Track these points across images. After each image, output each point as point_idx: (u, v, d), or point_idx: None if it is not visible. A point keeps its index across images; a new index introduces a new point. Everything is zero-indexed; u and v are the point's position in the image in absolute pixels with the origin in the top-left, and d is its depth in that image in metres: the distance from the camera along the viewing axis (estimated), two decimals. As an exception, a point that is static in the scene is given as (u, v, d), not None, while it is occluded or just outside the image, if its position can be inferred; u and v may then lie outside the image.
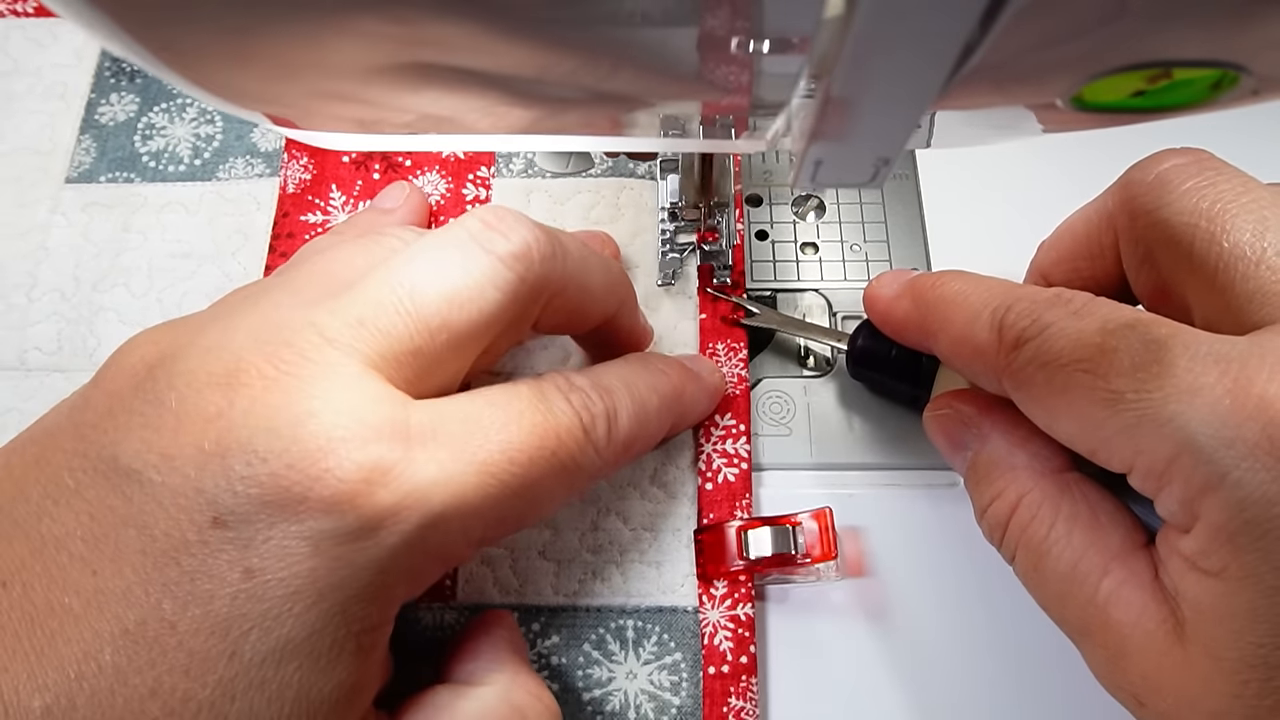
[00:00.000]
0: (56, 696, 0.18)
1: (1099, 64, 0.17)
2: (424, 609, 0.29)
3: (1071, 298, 0.22)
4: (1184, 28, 0.16)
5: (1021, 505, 0.24)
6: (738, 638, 0.28)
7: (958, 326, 0.24)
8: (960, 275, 0.26)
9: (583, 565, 0.29)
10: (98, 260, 0.34)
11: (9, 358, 0.33)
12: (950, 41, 0.14)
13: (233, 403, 0.20)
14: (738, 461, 0.30)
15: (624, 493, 0.30)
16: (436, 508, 0.20)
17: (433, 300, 0.21)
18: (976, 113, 0.20)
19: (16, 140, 0.37)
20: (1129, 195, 0.24)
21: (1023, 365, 0.22)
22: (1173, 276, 0.23)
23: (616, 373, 0.26)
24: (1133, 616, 0.21)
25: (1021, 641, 0.29)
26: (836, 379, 0.32)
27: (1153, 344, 0.20)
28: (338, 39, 0.16)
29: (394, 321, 0.21)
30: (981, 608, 0.29)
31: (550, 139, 0.23)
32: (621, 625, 0.28)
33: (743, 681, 0.27)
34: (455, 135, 0.22)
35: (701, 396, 0.29)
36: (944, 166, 0.36)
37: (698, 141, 0.22)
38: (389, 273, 0.22)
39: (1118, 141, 0.24)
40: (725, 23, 0.16)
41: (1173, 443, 0.19)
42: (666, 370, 0.28)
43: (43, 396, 0.32)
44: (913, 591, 0.29)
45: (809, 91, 0.18)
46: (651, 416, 0.26)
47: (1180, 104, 0.18)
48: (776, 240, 0.35)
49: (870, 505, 0.31)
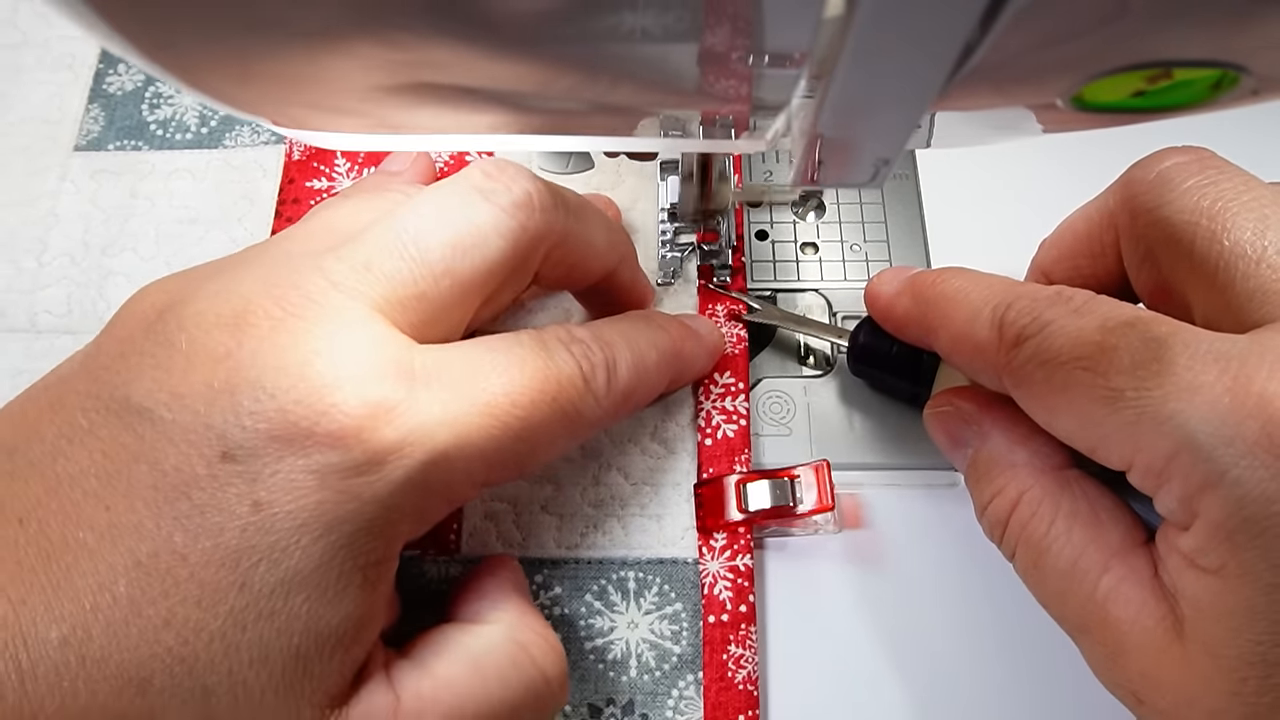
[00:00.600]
0: (73, 627, 0.19)
1: (1099, 64, 0.17)
2: (429, 562, 0.29)
3: (1072, 295, 0.23)
4: (1184, 28, 0.16)
5: (1022, 502, 0.24)
6: (737, 587, 0.29)
7: (958, 324, 0.24)
8: (960, 272, 0.26)
9: (584, 519, 0.30)
10: (106, 226, 0.35)
11: (20, 320, 0.34)
12: (950, 41, 0.14)
13: (241, 343, 0.20)
14: (736, 418, 0.31)
15: (625, 449, 0.31)
16: (440, 445, 0.21)
17: (437, 246, 0.22)
18: (976, 113, 0.20)
19: (25, 110, 0.37)
20: (1130, 194, 0.24)
21: (1023, 363, 0.22)
22: (1173, 274, 0.23)
23: (617, 327, 0.26)
24: (1131, 613, 0.21)
25: (1022, 640, 0.29)
26: (836, 379, 0.32)
27: (1152, 342, 0.20)
28: (335, 61, 0.16)
29: (399, 266, 0.22)
30: (981, 607, 0.29)
31: (550, 139, 0.23)
32: (623, 577, 0.29)
33: (742, 630, 0.28)
34: (455, 135, 0.22)
35: (700, 353, 0.30)
36: (944, 166, 0.36)
37: (698, 141, 0.22)
38: (394, 221, 0.22)
39: (1118, 141, 0.24)
40: (725, 40, 0.16)
41: (1172, 440, 0.19)
42: (666, 326, 0.28)
43: (53, 358, 0.32)
44: (912, 590, 0.29)
45: (809, 91, 0.18)
46: (651, 369, 0.26)
47: (1180, 104, 0.18)
48: (776, 240, 0.35)
49: (870, 505, 0.31)
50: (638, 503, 0.30)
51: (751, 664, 0.28)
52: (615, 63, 0.17)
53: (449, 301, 0.22)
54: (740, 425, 0.30)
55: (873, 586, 0.30)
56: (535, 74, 0.17)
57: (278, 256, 0.23)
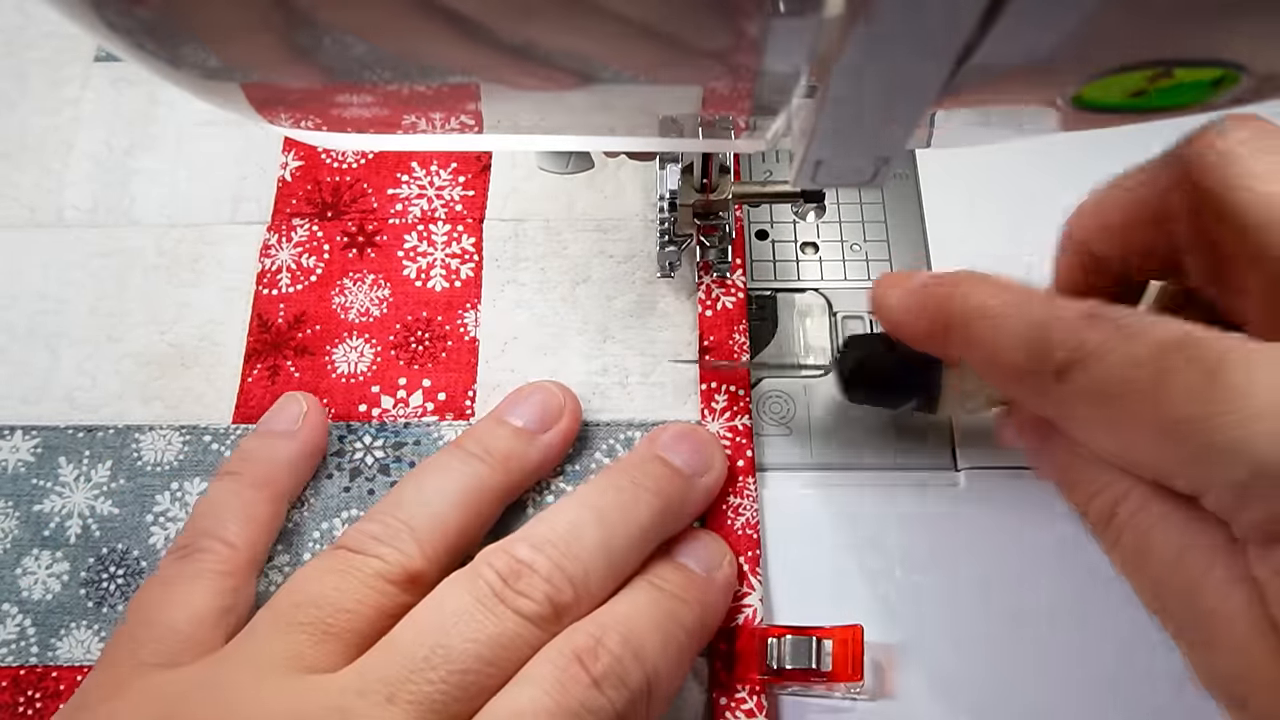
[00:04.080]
0: None
1: (1099, 64, 0.16)
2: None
3: (1110, 314, 0.21)
4: (1184, 28, 0.16)
5: (1129, 497, 0.22)
6: (735, 445, 0.31)
7: (988, 347, 0.23)
8: (980, 283, 0.24)
9: (592, 387, 0.32)
10: (129, 130, 0.38)
11: (49, 216, 0.36)
12: (950, 41, 0.14)
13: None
14: (734, 291, 0.33)
15: (627, 322, 0.33)
16: None
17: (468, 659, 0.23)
18: (976, 112, 0.20)
19: (47, 25, 0.40)
20: (1196, 168, 0.23)
21: (1068, 396, 0.21)
22: (1238, 254, 0.22)
23: (639, 621, 0.25)
24: (1234, 608, 0.20)
25: (1022, 639, 0.29)
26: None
27: (1209, 364, 0.19)
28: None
29: (428, 691, 0.22)
30: (981, 607, 0.29)
31: (550, 139, 0.23)
32: (630, 436, 0.32)
33: (740, 481, 0.30)
34: (457, 136, 0.22)
35: (705, 503, 0.30)
36: (944, 166, 0.36)
37: (698, 141, 0.22)
38: (418, 632, 0.23)
39: (1118, 141, 0.24)
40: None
41: (1244, 469, 0.19)
42: (684, 595, 0.27)
43: (80, 249, 0.36)
44: (912, 590, 0.29)
45: (809, 91, 0.18)
46: (685, 648, 0.26)
47: (1180, 104, 0.18)
48: (776, 240, 0.35)
49: (870, 505, 0.31)
50: (640, 373, 0.33)
51: (750, 512, 0.30)
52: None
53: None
54: (738, 299, 0.33)
55: (872, 587, 0.29)
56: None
57: (276, 699, 0.23)
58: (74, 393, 0.33)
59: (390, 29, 0.17)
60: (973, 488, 0.31)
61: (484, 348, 0.33)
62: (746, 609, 0.29)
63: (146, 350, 0.33)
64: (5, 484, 0.31)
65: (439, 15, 0.16)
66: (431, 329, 0.33)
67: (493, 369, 0.33)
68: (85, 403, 0.33)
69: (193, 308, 0.34)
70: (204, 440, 0.32)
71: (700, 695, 0.28)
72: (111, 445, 0.32)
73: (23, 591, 0.30)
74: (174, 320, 0.34)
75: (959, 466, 0.31)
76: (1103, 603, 0.29)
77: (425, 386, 0.32)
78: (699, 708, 0.28)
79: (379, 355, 0.33)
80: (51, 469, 0.31)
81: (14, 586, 0.30)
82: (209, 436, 0.32)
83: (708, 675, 0.28)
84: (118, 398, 0.33)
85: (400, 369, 0.33)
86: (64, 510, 0.31)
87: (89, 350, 0.33)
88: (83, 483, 0.31)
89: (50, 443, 0.32)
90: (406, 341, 0.33)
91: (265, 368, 0.33)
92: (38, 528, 0.30)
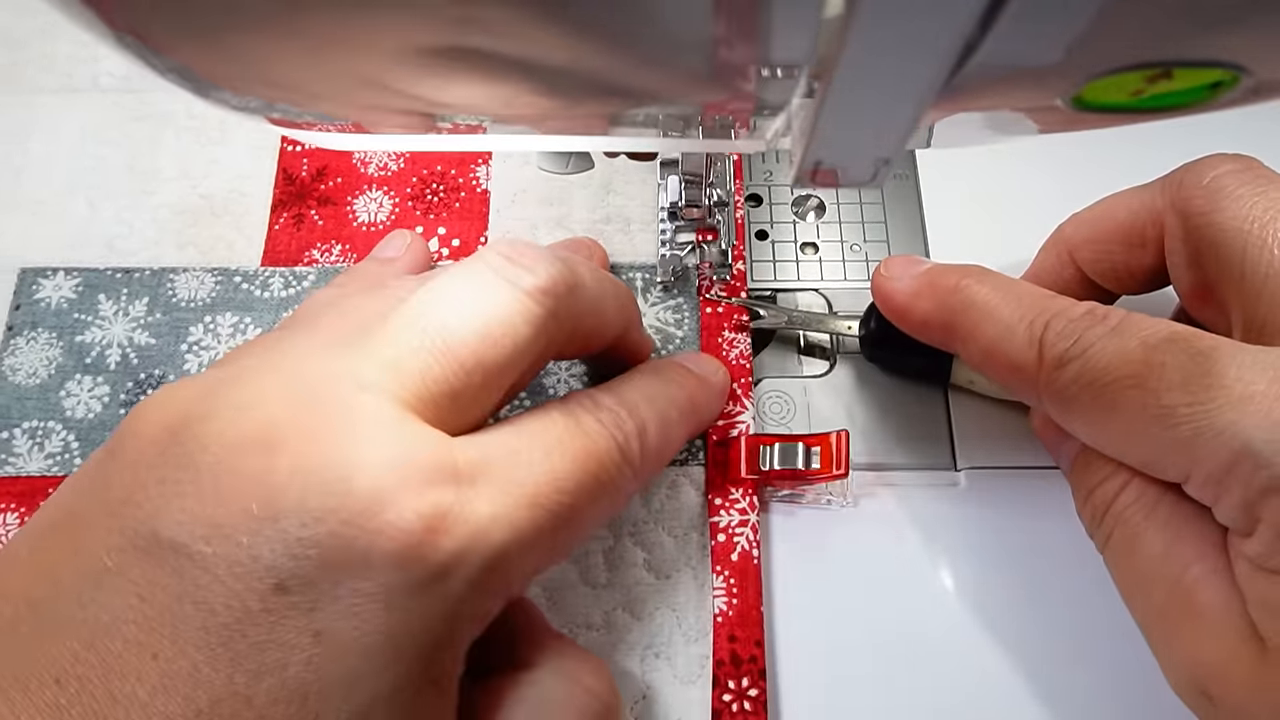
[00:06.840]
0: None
1: (1099, 64, 0.17)
2: None
3: (1106, 314, 0.23)
4: (1184, 28, 0.16)
5: (1126, 489, 0.24)
6: (730, 288, 0.33)
7: (989, 338, 0.24)
8: (982, 276, 0.25)
9: (596, 234, 0.34)
10: None
11: (84, 82, 0.38)
12: (950, 41, 0.14)
13: (274, 462, 0.19)
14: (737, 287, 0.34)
15: (628, 177, 0.35)
16: (497, 546, 0.20)
17: (466, 339, 0.21)
18: (976, 113, 0.20)
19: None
20: (1182, 195, 0.25)
21: (1067, 385, 0.22)
22: (1219, 279, 0.24)
23: (639, 390, 0.26)
24: (1218, 602, 0.21)
25: (1022, 639, 0.29)
26: (837, 378, 0.32)
27: (1199, 356, 0.21)
28: (393, 14, 0.15)
29: (428, 363, 0.21)
30: (980, 606, 0.29)
31: (550, 139, 0.23)
32: (630, 277, 0.34)
33: (734, 319, 0.33)
34: (455, 136, 0.22)
35: (713, 399, 0.30)
36: (944, 166, 0.36)
37: (698, 141, 0.22)
38: (417, 312, 0.21)
39: (1117, 142, 0.24)
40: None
41: (1230, 450, 0.20)
42: (681, 382, 0.28)
43: (116, 113, 0.37)
44: (912, 590, 0.29)
45: (809, 91, 0.18)
46: (674, 429, 0.26)
47: (1180, 104, 0.18)
48: (776, 240, 0.35)
49: (870, 505, 0.31)
50: (641, 219, 0.35)
51: (744, 345, 0.32)
52: (652, 44, 0.16)
53: (479, 393, 0.22)
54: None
55: (872, 587, 0.30)
56: (571, 43, 0.16)
57: (293, 360, 0.21)
58: (113, 240, 0.35)
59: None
60: (973, 488, 0.31)
61: (495, 199, 0.35)
62: (740, 424, 0.31)
63: (180, 201, 0.35)
64: (49, 317, 0.33)
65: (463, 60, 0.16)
66: (446, 181, 0.36)
67: (504, 218, 0.35)
68: (123, 248, 0.35)
69: (222, 164, 0.36)
70: (235, 280, 0.34)
71: (698, 498, 0.30)
72: (148, 285, 0.34)
73: (66, 411, 0.32)
74: (204, 175, 0.36)
75: (959, 466, 0.31)
76: (1102, 602, 0.29)
77: (441, 234, 0.35)
78: (696, 509, 0.30)
79: (397, 206, 0.35)
80: (92, 304, 0.33)
81: (58, 407, 0.32)
82: (239, 277, 0.34)
83: (704, 481, 0.30)
84: (154, 244, 0.35)
85: (417, 219, 0.35)
86: (104, 340, 0.33)
87: (126, 202, 0.35)
88: (121, 317, 0.33)
89: (91, 282, 0.34)
90: (422, 193, 0.35)
91: (291, 216, 0.35)
92: (80, 356, 0.32)
